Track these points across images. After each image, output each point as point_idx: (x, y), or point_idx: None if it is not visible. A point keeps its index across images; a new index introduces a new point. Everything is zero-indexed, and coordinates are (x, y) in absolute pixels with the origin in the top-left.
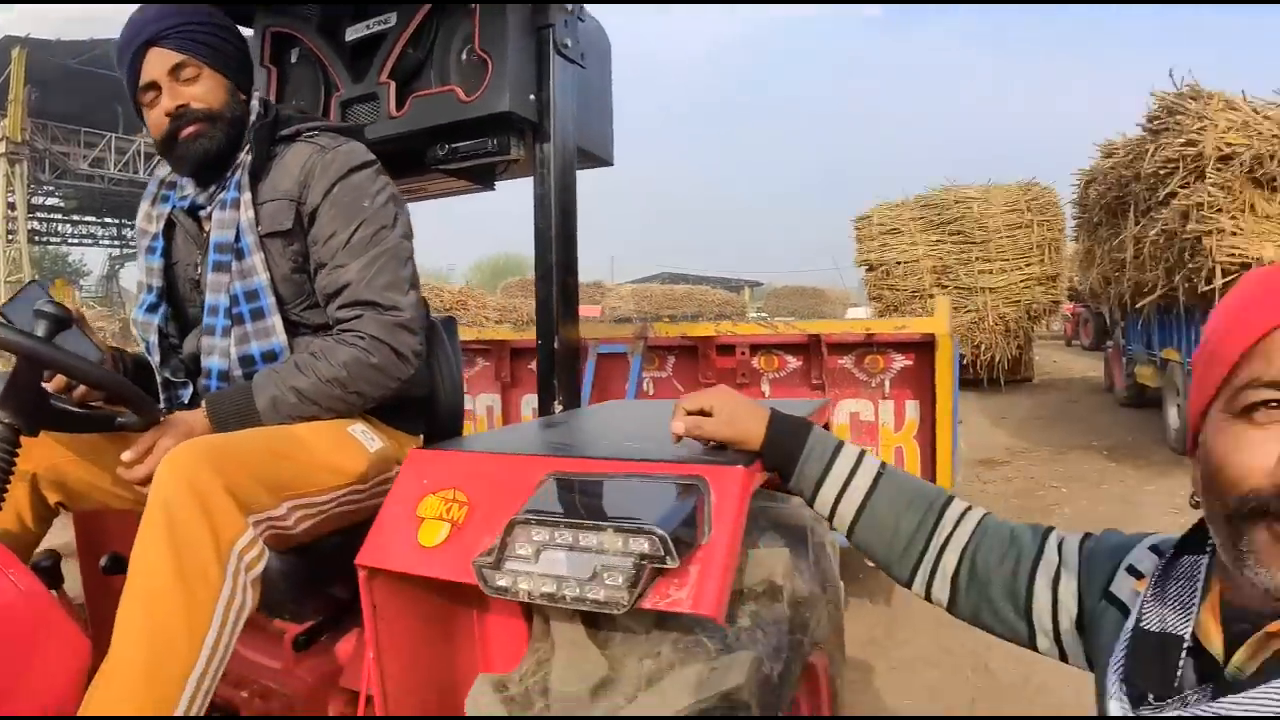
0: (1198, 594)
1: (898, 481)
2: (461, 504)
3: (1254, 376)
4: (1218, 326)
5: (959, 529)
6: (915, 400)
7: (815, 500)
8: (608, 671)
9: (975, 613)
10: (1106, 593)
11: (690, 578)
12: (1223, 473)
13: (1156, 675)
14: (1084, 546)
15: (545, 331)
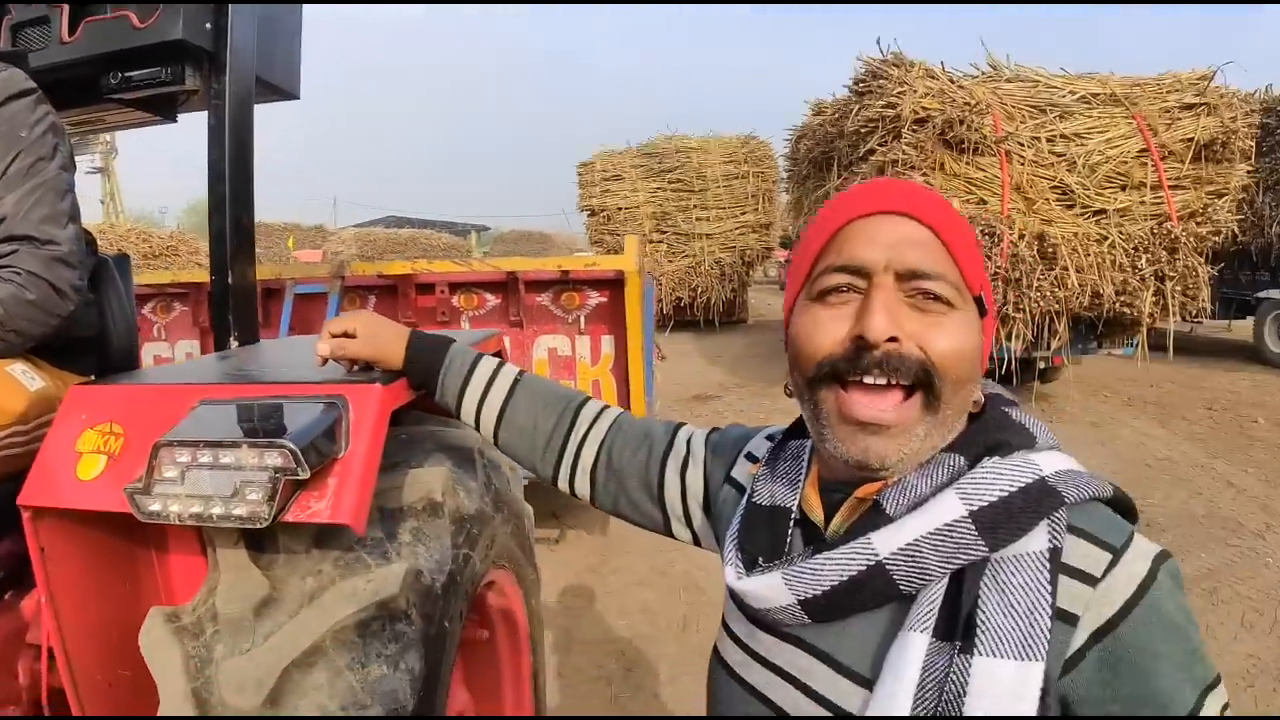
0: (802, 472)
1: (535, 386)
2: (118, 436)
3: (827, 264)
4: (804, 233)
5: (595, 426)
6: (610, 335)
7: (460, 411)
8: (270, 591)
9: (615, 503)
10: (729, 478)
11: (329, 489)
12: (802, 348)
13: (767, 542)
14: (710, 439)
15: (219, 267)
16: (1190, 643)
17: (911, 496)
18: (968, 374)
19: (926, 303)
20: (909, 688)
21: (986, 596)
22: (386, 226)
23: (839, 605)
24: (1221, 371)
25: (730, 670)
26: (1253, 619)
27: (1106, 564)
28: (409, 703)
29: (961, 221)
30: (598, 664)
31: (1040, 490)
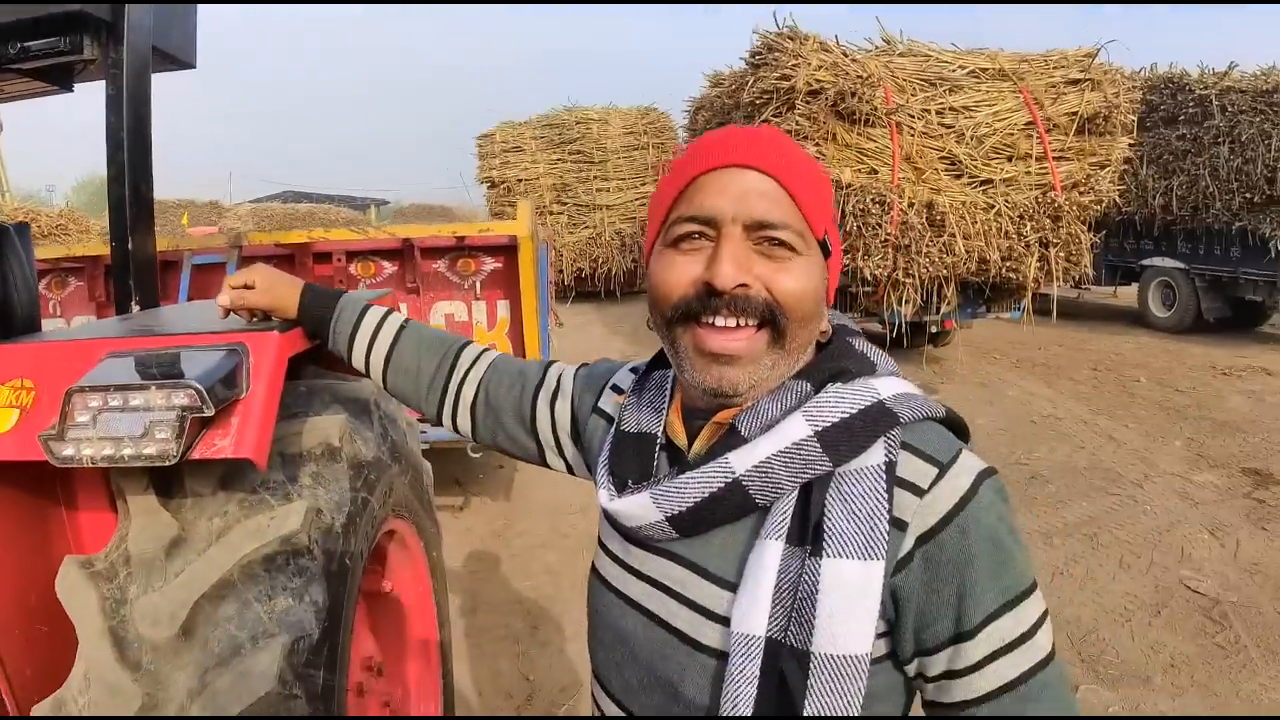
0: (666, 400)
1: (419, 331)
2: (29, 390)
3: (679, 214)
4: (660, 183)
5: (475, 367)
6: (506, 300)
7: (351, 356)
8: (179, 531)
9: (494, 437)
10: (596, 408)
11: (232, 427)
12: (659, 291)
13: (636, 466)
14: (578, 373)
15: (119, 234)
16: (1003, 553)
17: (764, 419)
18: (811, 312)
19: (772, 249)
20: (767, 588)
21: (831, 506)
22: (284, 202)
23: (702, 519)
24: (1107, 335)
25: (608, 584)
26: (1130, 560)
27: (933, 477)
28: (314, 632)
29: (808, 169)
30: (504, 623)
31: (878, 412)
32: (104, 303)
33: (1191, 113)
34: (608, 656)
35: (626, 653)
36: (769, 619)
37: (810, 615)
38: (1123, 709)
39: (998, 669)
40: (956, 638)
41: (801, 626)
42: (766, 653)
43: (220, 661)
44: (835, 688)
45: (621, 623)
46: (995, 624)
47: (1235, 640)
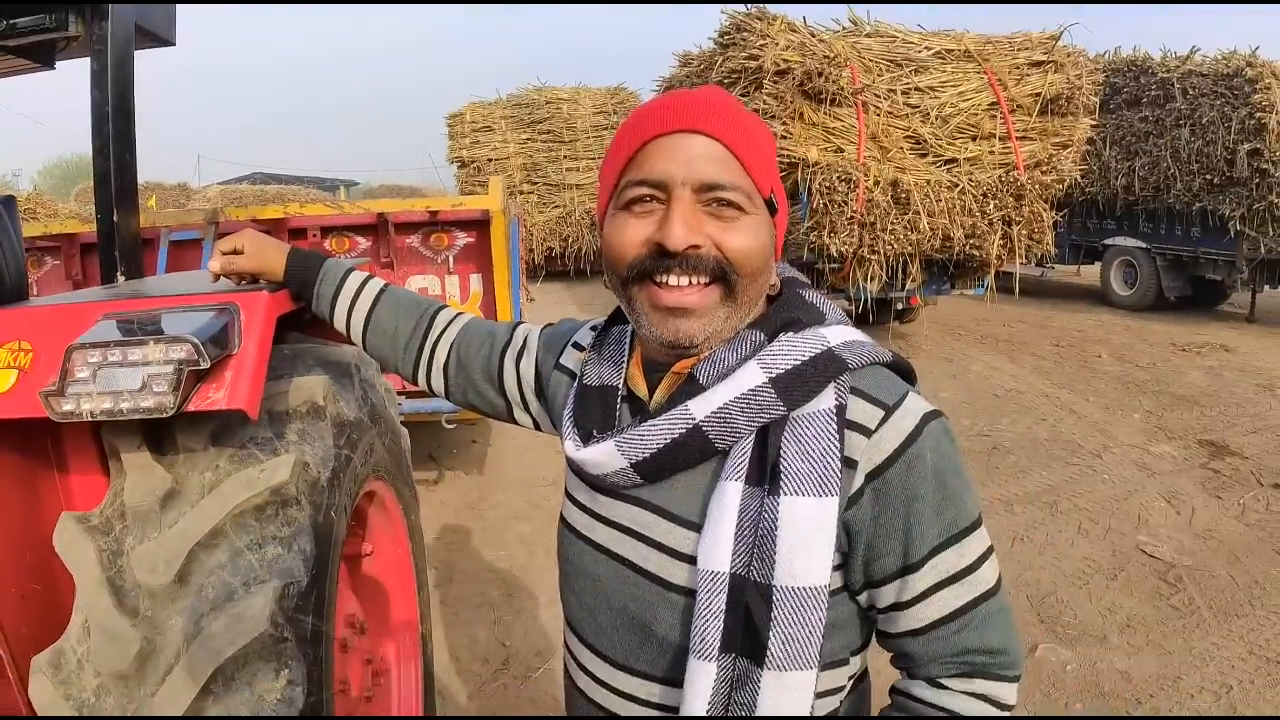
0: (625, 354)
1: (397, 295)
2: (27, 351)
3: (630, 178)
4: (610, 148)
5: (448, 329)
6: (478, 274)
7: (333, 317)
8: (173, 484)
9: (465, 395)
10: (558, 364)
11: (225, 381)
12: (614, 251)
13: (599, 416)
14: (543, 332)
15: (104, 207)
16: (947, 489)
17: (720, 368)
18: (759, 266)
19: (721, 209)
20: (730, 527)
21: (786, 447)
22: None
23: (665, 465)
24: (1070, 312)
25: (577, 533)
26: (1089, 527)
27: (879, 419)
28: (303, 579)
29: (753, 130)
30: (480, 592)
31: (827, 358)
32: (80, 281)
33: (1154, 95)
34: (579, 602)
35: (599, 597)
36: (732, 555)
37: (771, 550)
38: (1079, 667)
39: (942, 599)
40: (903, 570)
41: (763, 561)
42: (731, 587)
43: (214, 606)
44: (797, 618)
45: (593, 568)
46: (939, 556)
47: (1189, 602)
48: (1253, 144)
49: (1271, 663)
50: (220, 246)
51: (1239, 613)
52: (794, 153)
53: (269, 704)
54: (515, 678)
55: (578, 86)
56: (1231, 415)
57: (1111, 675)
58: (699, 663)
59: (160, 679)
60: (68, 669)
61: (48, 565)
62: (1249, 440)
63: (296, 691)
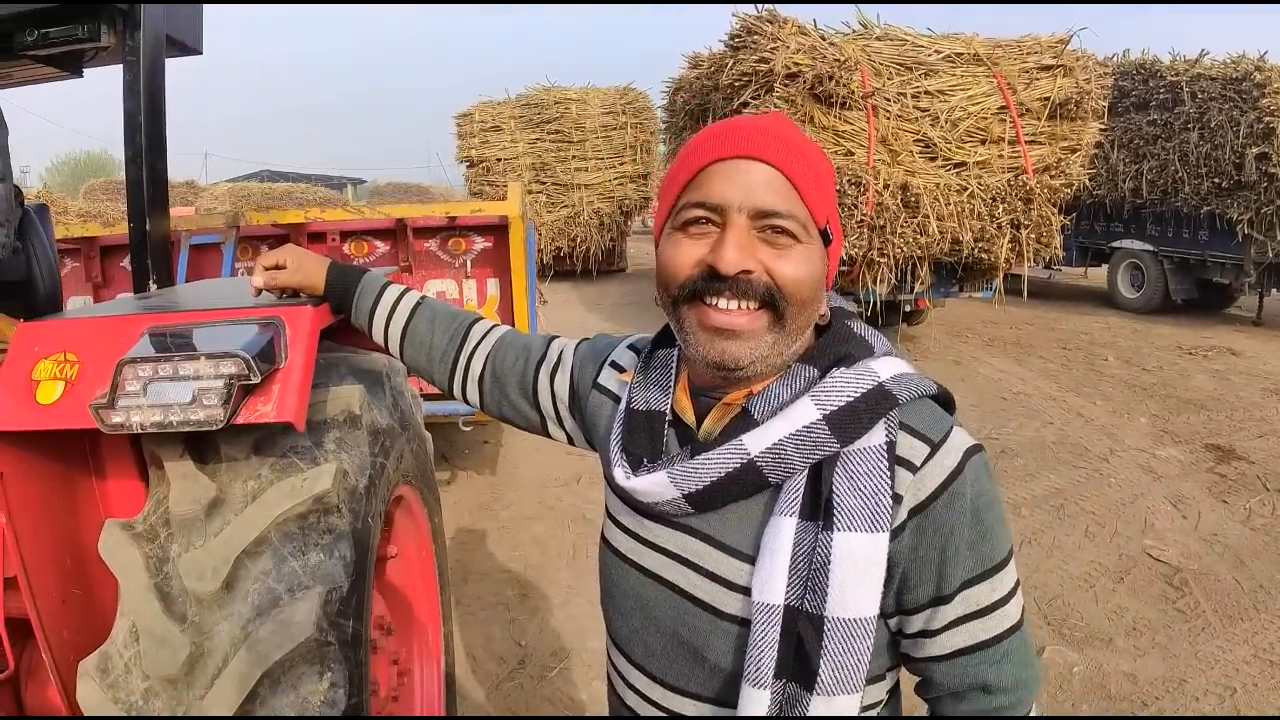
0: (672, 378)
1: (434, 307)
2: (73, 363)
3: (689, 200)
4: (671, 168)
5: (484, 341)
6: (495, 278)
7: (371, 328)
8: (217, 493)
9: (500, 408)
10: (596, 383)
11: (273, 394)
12: (667, 270)
13: (647, 443)
14: (579, 347)
15: (137, 214)
16: (983, 525)
17: (774, 403)
18: (809, 296)
19: (775, 237)
20: (784, 561)
21: (839, 484)
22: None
23: (718, 496)
24: (1077, 315)
25: (623, 556)
26: (1095, 530)
27: (925, 455)
28: (344, 584)
29: (813, 160)
30: (495, 592)
31: (879, 394)
32: (100, 284)
33: (1163, 99)
34: (626, 624)
35: (647, 620)
36: (786, 589)
37: (824, 583)
38: (1085, 670)
39: (969, 630)
40: (935, 600)
41: (816, 594)
42: (785, 619)
43: (261, 612)
44: (847, 647)
45: (641, 592)
46: (971, 590)
47: (1195, 605)
48: (1261, 148)
49: (1275, 666)
50: (262, 262)
51: (1244, 616)
52: None
53: (313, 706)
54: (532, 677)
55: (586, 87)
56: (1238, 419)
57: (1117, 678)
58: (753, 690)
59: (209, 683)
60: (115, 673)
61: (86, 570)
62: (1256, 445)
63: (339, 693)
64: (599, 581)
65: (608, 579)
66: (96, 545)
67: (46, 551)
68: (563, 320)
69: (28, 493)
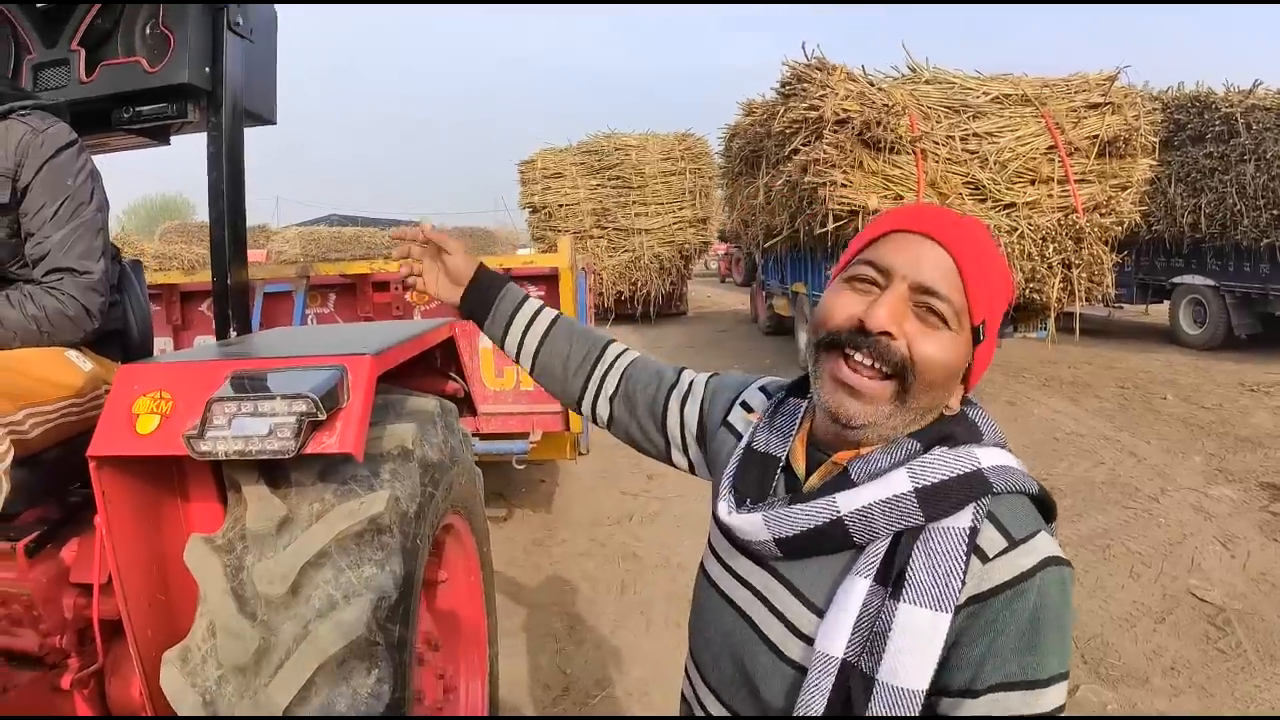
0: (794, 427)
1: (573, 324)
2: (168, 400)
3: (863, 258)
4: (863, 230)
5: (619, 360)
6: None
7: (508, 332)
8: (287, 513)
9: (627, 429)
10: (725, 422)
11: (337, 430)
12: (822, 314)
13: (756, 484)
14: (710, 381)
15: (219, 270)
16: (1038, 635)
17: (873, 468)
18: (940, 380)
19: (927, 315)
20: (850, 619)
21: (916, 557)
22: (330, 225)
23: (805, 547)
24: (1137, 353)
25: (717, 587)
26: (1140, 570)
27: (1000, 549)
28: (393, 594)
29: (990, 265)
30: (544, 623)
31: (974, 479)
32: (180, 326)
33: (1218, 131)
34: (708, 648)
35: (724, 648)
36: (847, 644)
37: (881, 648)
38: (1119, 708)
39: None
40: (964, 691)
41: (872, 655)
42: (840, 672)
43: (320, 614)
44: (892, 713)
45: (725, 623)
46: (1004, 694)
47: (1236, 645)
48: None
49: None
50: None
51: None
52: (854, 201)
53: (362, 697)
54: (575, 704)
55: (646, 134)
56: None
57: None
58: None
59: (273, 672)
60: (193, 662)
61: (168, 577)
62: None
63: (384, 688)
64: (691, 603)
65: (700, 603)
66: (180, 556)
67: (137, 560)
68: None
69: (124, 509)
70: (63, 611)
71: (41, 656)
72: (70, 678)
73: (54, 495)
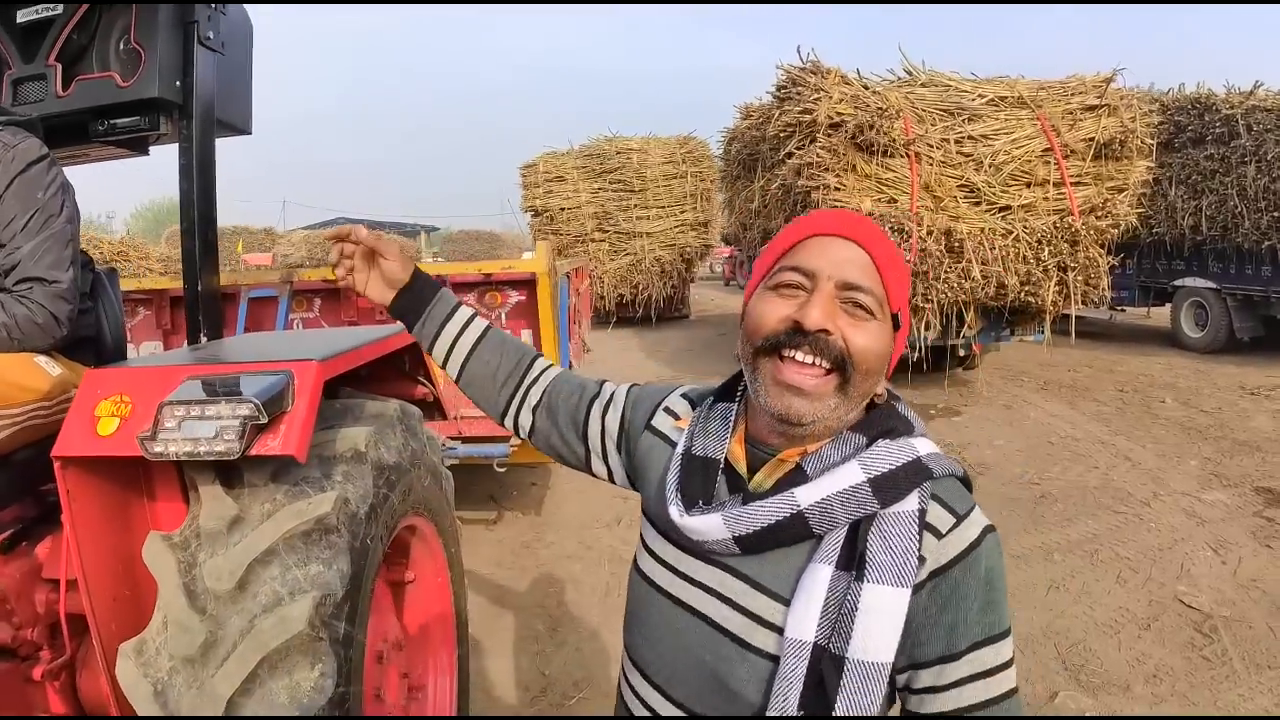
0: (729, 429)
1: (503, 336)
2: (127, 403)
3: (786, 264)
4: (774, 239)
5: (544, 375)
6: (529, 329)
7: (438, 338)
8: (238, 512)
9: (548, 439)
10: (650, 426)
11: (281, 432)
12: (754, 322)
13: (700, 487)
14: (630, 391)
15: (190, 277)
16: (993, 595)
17: (826, 463)
18: (875, 368)
19: (854, 309)
20: (817, 605)
21: (874, 541)
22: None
23: (764, 541)
24: (1139, 356)
25: (658, 588)
26: (1128, 576)
27: (951, 525)
28: (339, 592)
29: (897, 257)
30: (526, 625)
31: (916, 467)
32: (169, 330)
33: (1218, 133)
34: (651, 648)
35: (677, 646)
36: (817, 628)
37: (849, 628)
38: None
39: (973, 689)
40: (943, 658)
41: (841, 636)
42: (812, 656)
43: (265, 609)
44: (862, 688)
45: (675, 622)
46: (978, 652)
47: (1222, 653)
48: None
49: None
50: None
51: (1272, 664)
52: (847, 204)
53: (304, 690)
54: (551, 705)
55: (647, 137)
56: None
57: None
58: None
59: (219, 663)
60: (148, 654)
61: (134, 575)
62: None
63: (328, 682)
64: (626, 606)
65: (637, 605)
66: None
67: (102, 557)
68: (622, 365)
69: (89, 509)
70: (34, 606)
71: (15, 649)
72: (41, 670)
73: (27, 495)
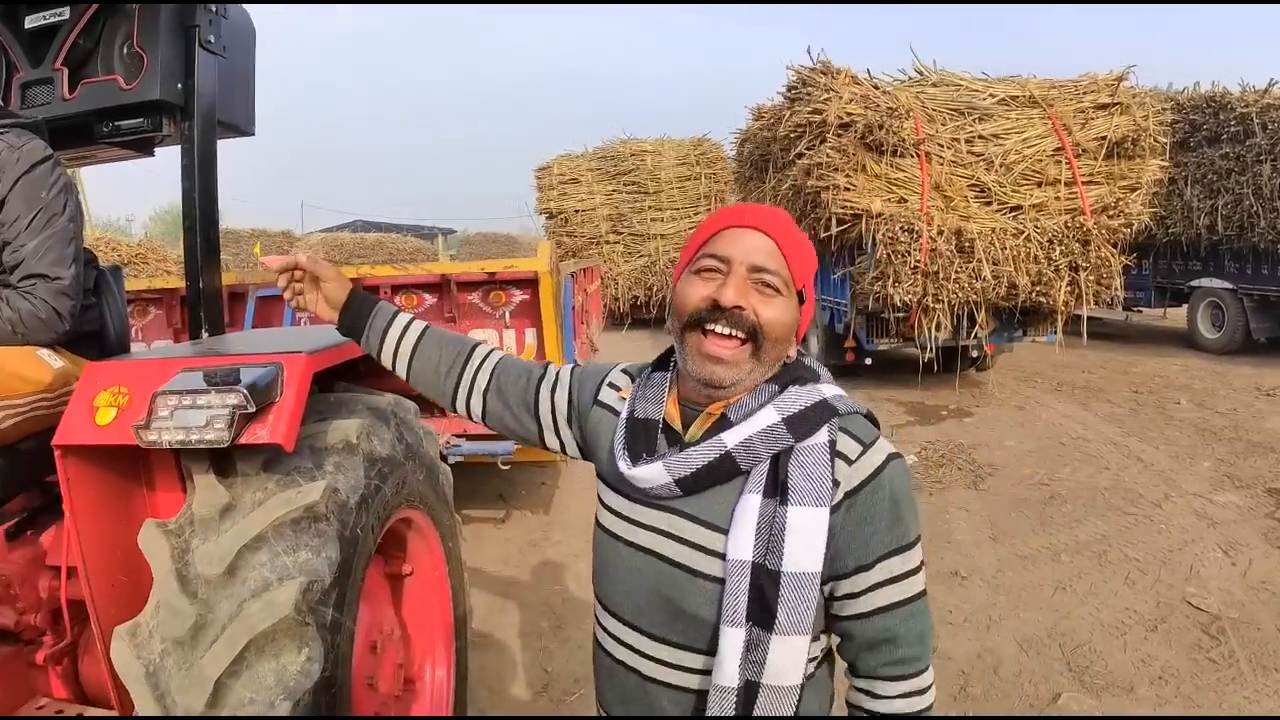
0: (665, 393)
1: (441, 333)
2: (125, 394)
3: (704, 252)
4: (695, 231)
5: (487, 360)
6: (533, 328)
7: (382, 346)
8: (230, 500)
9: (501, 419)
10: (597, 400)
11: (269, 422)
12: (681, 301)
13: (644, 443)
14: (574, 371)
15: (192, 274)
16: (898, 511)
17: (746, 410)
18: (782, 336)
19: (763, 288)
20: (751, 528)
21: (793, 470)
22: (354, 231)
23: (701, 481)
24: (1154, 357)
25: (616, 536)
26: (1136, 577)
27: (859, 453)
28: (326, 578)
29: (802, 242)
30: (531, 622)
31: (824, 405)
32: (180, 329)
33: (1234, 131)
34: (618, 589)
35: (637, 584)
36: (753, 549)
37: (780, 545)
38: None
39: (886, 593)
40: (858, 568)
41: (774, 553)
42: (751, 573)
43: (254, 594)
44: (798, 595)
45: (633, 562)
46: (886, 561)
47: (1229, 655)
48: None
49: None
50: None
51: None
52: (857, 205)
53: (290, 673)
54: (552, 701)
55: (662, 139)
56: None
57: None
58: (730, 629)
59: (208, 646)
60: (141, 637)
61: (132, 561)
62: None
63: (314, 666)
64: (592, 562)
65: (601, 556)
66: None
67: (101, 544)
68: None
69: (89, 497)
70: (37, 592)
71: (18, 633)
72: (44, 654)
73: (32, 485)
